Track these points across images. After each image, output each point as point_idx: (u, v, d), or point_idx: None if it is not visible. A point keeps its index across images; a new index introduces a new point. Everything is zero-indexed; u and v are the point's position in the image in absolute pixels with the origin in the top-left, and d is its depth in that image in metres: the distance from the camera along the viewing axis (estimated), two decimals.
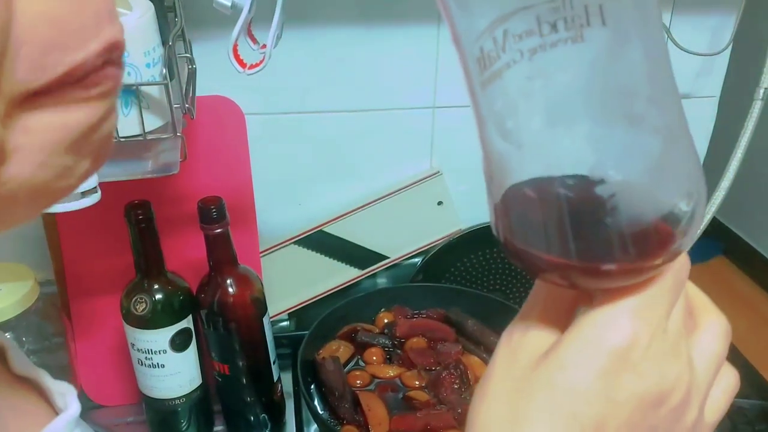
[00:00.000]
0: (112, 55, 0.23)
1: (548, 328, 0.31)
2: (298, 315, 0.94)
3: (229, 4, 0.47)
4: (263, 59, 0.49)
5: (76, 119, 0.24)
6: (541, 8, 0.23)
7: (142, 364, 0.73)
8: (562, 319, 0.31)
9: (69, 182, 0.25)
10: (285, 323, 0.94)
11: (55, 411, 0.35)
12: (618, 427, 0.28)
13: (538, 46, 0.24)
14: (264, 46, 0.50)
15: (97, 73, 0.23)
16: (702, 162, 1.08)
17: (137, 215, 0.67)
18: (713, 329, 0.31)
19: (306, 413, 0.80)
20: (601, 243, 0.27)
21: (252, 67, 0.50)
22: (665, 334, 0.29)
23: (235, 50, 0.49)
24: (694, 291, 0.33)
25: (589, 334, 0.28)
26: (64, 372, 0.82)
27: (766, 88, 0.92)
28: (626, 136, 0.26)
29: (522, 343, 0.31)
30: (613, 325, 0.28)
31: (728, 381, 0.32)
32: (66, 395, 0.35)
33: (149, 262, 0.70)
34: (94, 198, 0.57)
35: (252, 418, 0.78)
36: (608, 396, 0.28)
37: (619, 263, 0.27)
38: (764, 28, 0.89)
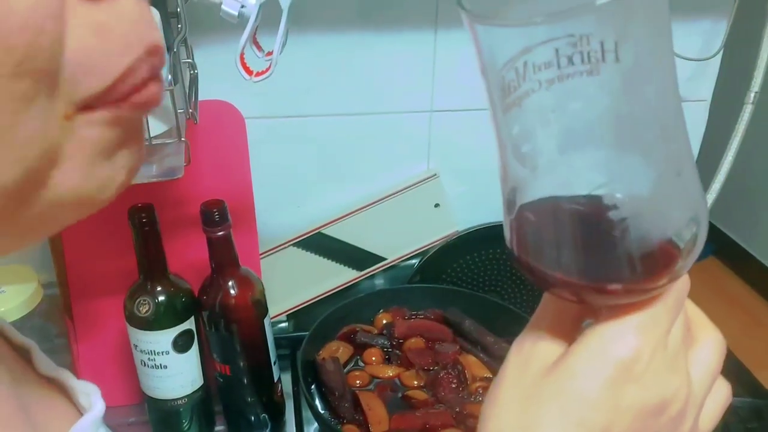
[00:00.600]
0: (154, 59, 0.25)
1: (557, 340, 0.33)
2: (297, 316, 0.95)
3: (236, 13, 0.49)
4: (270, 67, 0.50)
5: (122, 132, 0.25)
6: (561, 42, 0.25)
7: (144, 365, 0.74)
8: (569, 331, 0.33)
9: (109, 193, 0.26)
10: (284, 324, 0.96)
11: (79, 410, 0.36)
12: None
13: (556, 77, 0.26)
14: (269, 53, 0.51)
15: (141, 88, 0.25)
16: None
17: (141, 218, 0.68)
18: (710, 345, 0.33)
19: (305, 413, 0.81)
20: (610, 263, 0.28)
21: (259, 74, 0.51)
22: (666, 349, 0.31)
23: (242, 58, 0.50)
24: (692, 308, 0.35)
25: (597, 347, 0.31)
26: None
27: (756, 92, 0.94)
28: (636, 163, 0.28)
29: (532, 353, 0.32)
30: (620, 339, 0.30)
31: (722, 393, 0.34)
32: (90, 395, 0.36)
33: (152, 265, 0.71)
34: None
35: (252, 418, 0.79)
36: (614, 404, 0.30)
37: (626, 283, 0.29)
38: (755, 33, 0.90)
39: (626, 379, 0.30)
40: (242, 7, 0.49)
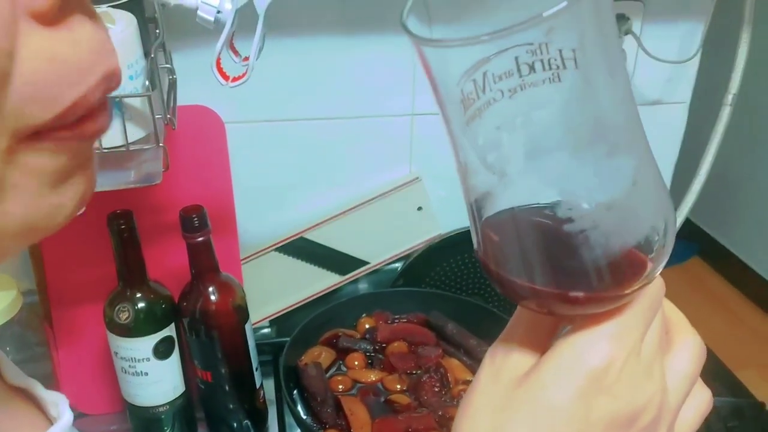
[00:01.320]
0: (110, 84, 0.24)
1: (529, 350, 0.32)
2: (280, 322, 0.95)
3: (212, 19, 0.48)
4: (246, 72, 0.50)
5: (70, 160, 0.25)
6: (520, 50, 0.25)
7: (125, 372, 0.73)
8: (543, 341, 0.33)
9: (57, 222, 0.26)
10: (266, 330, 0.95)
11: (49, 420, 0.36)
12: None
13: (518, 86, 0.25)
14: (246, 58, 0.51)
15: (89, 119, 0.24)
16: (674, 166, 1.10)
17: (119, 225, 0.68)
18: (687, 349, 0.33)
19: (288, 419, 0.81)
20: (577, 273, 0.28)
21: (235, 79, 0.51)
22: (639, 357, 0.31)
23: (218, 64, 0.50)
24: (671, 309, 0.34)
25: (568, 357, 0.30)
26: (47, 381, 0.81)
27: (734, 94, 0.95)
28: (601, 168, 0.28)
29: (505, 363, 0.32)
30: (591, 348, 0.30)
31: (701, 399, 0.34)
32: (59, 404, 0.36)
33: (132, 271, 0.71)
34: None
35: (235, 424, 0.79)
36: (585, 415, 0.30)
37: (595, 292, 0.29)
38: (731, 35, 0.91)
39: (597, 389, 0.30)
40: (218, 12, 0.48)
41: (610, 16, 0.26)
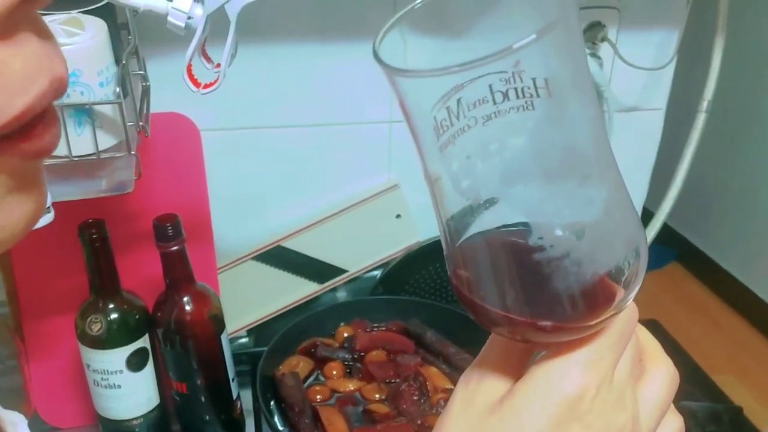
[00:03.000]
0: (57, 91, 0.23)
1: (503, 376, 0.32)
2: (257, 331, 0.94)
3: (183, 25, 0.48)
4: (218, 79, 0.50)
5: (14, 178, 0.23)
6: (493, 78, 0.25)
7: (98, 385, 0.72)
8: (517, 366, 0.33)
9: (7, 236, 0.24)
10: (244, 340, 0.94)
11: None
12: None
13: (492, 113, 0.26)
14: (218, 65, 0.50)
15: (34, 136, 0.23)
16: (651, 172, 1.10)
17: (91, 234, 0.67)
18: (659, 378, 0.33)
19: (266, 430, 0.80)
20: (549, 301, 0.28)
21: (207, 86, 0.50)
22: (611, 385, 0.31)
23: (189, 71, 0.49)
24: (645, 336, 0.34)
25: (541, 384, 0.30)
26: (18, 395, 0.80)
27: (709, 101, 0.96)
28: (573, 197, 0.28)
29: (478, 389, 0.32)
30: (564, 376, 0.30)
31: (672, 427, 0.34)
32: (17, 424, 0.35)
33: (104, 282, 0.70)
34: (48, 218, 0.57)
35: None
36: None
37: (566, 321, 0.29)
38: (706, 42, 0.92)
39: (570, 417, 0.30)
40: (189, 18, 0.48)
41: (581, 46, 0.27)
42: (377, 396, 0.75)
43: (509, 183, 0.27)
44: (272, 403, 0.75)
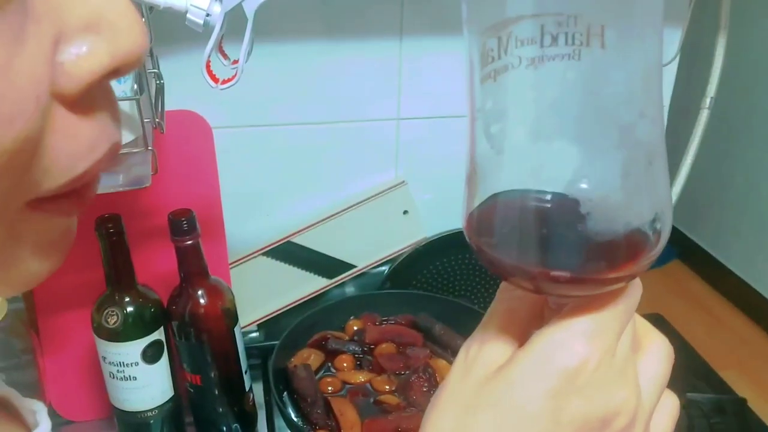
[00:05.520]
0: (113, 154, 0.24)
1: (504, 344, 0.31)
2: (268, 326, 0.95)
3: (202, 22, 0.49)
4: (236, 74, 0.51)
5: (53, 233, 0.25)
6: (548, 19, 0.24)
7: (113, 377, 0.73)
8: (518, 333, 0.31)
9: (21, 285, 0.26)
10: (254, 334, 0.95)
11: (27, 429, 0.36)
12: None
13: (537, 57, 0.24)
14: (235, 61, 0.51)
15: (86, 186, 0.24)
16: None
17: (108, 229, 0.68)
18: (657, 352, 0.32)
19: (278, 422, 0.81)
20: (570, 252, 0.27)
21: (225, 82, 0.51)
22: (613, 358, 0.29)
23: (208, 66, 0.50)
24: (636, 317, 0.33)
25: (540, 354, 0.29)
26: (33, 389, 0.81)
27: (712, 97, 0.97)
28: (605, 155, 0.27)
29: (477, 358, 0.31)
30: (565, 346, 0.29)
31: (672, 404, 0.33)
32: (37, 413, 0.36)
33: (120, 275, 0.71)
34: None
35: (224, 428, 0.79)
36: (554, 418, 0.28)
37: (585, 273, 0.28)
38: (709, 40, 0.93)
39: (569, 390, 0.28)
40: (207, 15, 0.49)
41: (656, 4, 0.25)
42: (387, 387, 0.76)
43: (540, 137, 0.26)
44: (285, 394, 0.76)
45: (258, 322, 0.94)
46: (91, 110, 0.23)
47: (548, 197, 0.27)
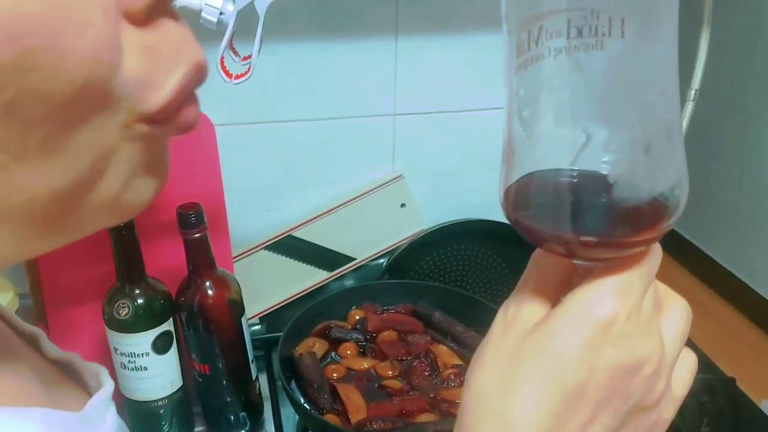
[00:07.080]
0: (200, 75, 0.27)
1: (539, 303, 0.34)
2: (270, 318, 0.97)
3: (215, 20, 0.51)
4: (249, 69, 0.53)
5: (158, 153, 0.28)
6: (574, 14, 0.27)
7: (125, 368, 0.75)
8: (552, 295, 0.35)
9: (134, 207, 0.29)
10: (257, 327, 0.97)
11: (88, 390, 0.38)
12: (596, 393, 0.32)
13: (563, 47, 0.28)
14: (246, 57, 0.54)
15: (185, 109, 0.27)
16: None
17: (118, 224, 0.70)
18: (677, 311, 0.36)
19: (284, 411, 0.83)
20: (599, 219, 0.31)
21: (238, 77, 0.53)
22: (640, 313, 0.33)
23: (222, 63, 0.53)
24: (656, 282, 0.37)
25: (576, 309, 0.32)
26: None
27: (696, 90, 1.00)
28: (629, 132, 0.30)
29: (516, 316, 0.34)
30: (599, 302, 0.32)
31: (690, 360, 0.37)
32: (100, 375, 0.38)
33: (130, 268, 0.73)
34: None
35: (232, 417, 0.81)
36: (591, 364, 0.31)
37: (612, 237, 0.31)
38: (693, 33, 0.97)
39: (603, 339, 0.31)
40: (221, 14, 0.51)
41: None
42: (390, 373, 0.79)
43: (567, 122, 0.29)
44: (291, 382, 0.78)
45: (260, 315, 0.96)
46: (163, 29, 0.25)
47: (577, 173, 0.30)
